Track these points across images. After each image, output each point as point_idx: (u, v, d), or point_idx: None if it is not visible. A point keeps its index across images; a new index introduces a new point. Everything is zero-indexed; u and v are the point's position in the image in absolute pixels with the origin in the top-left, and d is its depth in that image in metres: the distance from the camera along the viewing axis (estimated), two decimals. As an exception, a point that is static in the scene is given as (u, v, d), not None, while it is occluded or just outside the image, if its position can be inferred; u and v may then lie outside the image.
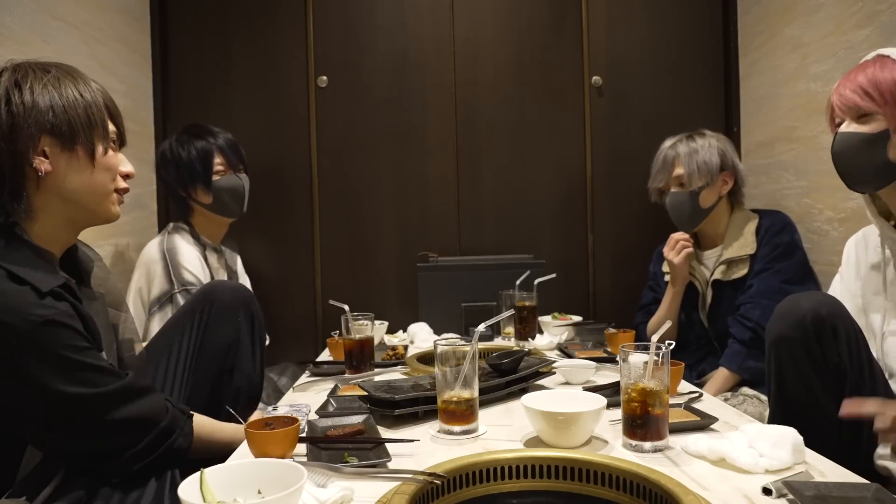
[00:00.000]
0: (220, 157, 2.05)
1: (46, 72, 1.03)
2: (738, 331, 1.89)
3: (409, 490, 0.83)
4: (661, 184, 2.10)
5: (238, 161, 2.10)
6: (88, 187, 1.05)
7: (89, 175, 1.04)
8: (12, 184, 0.98)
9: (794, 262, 1.94)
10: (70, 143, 1.01)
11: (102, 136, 1.06)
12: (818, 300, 1.26)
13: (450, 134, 2.52)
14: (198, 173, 2.01)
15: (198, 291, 1.44)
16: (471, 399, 1.14)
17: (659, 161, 2.10)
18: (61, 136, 1.00)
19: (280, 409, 1.29)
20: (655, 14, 2.52)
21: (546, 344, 1.92)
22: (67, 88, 1.02)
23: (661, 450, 1.04)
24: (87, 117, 1.03)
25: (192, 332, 1.35)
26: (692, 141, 2.04)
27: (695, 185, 2.00)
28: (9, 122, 0.97)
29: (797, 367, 1.24)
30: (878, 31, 1.70)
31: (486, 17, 2.51)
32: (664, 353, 1.03)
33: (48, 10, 1.75)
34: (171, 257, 1.91)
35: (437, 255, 2.38)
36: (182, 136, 2.05)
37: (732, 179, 2.05)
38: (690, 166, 2.00)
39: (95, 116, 1.04)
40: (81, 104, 1.02)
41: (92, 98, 1.05)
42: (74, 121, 1.01)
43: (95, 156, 1.04)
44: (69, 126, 1.00)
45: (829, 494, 0.83)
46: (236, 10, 2.48)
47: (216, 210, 2.05)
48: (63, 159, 1.01)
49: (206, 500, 0.76)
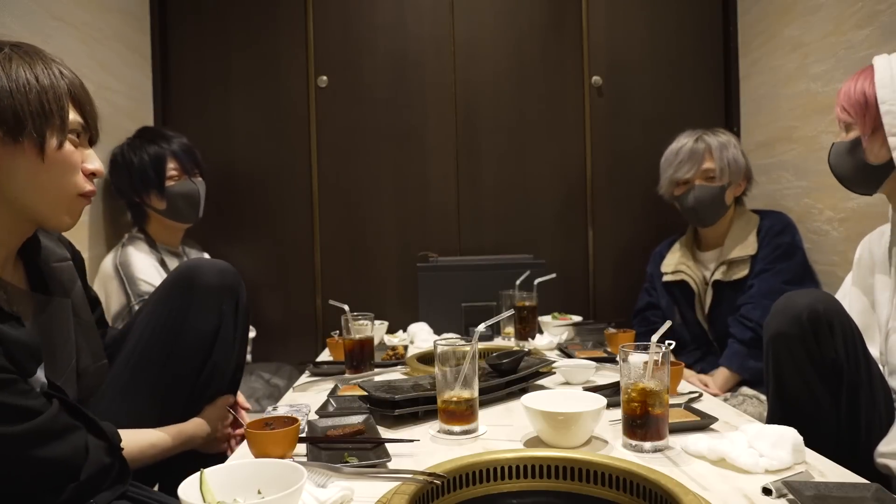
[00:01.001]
0: (174, 163, 2.02)
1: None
2: (739, 331, 1.90)
3: (409, 490, 0.83)
4: (689, 174, 2.01)
5: (193, 165, 2.07)
6: (34, 188, 0.90)
7: (37, 173, 0.89)
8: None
9: (795, 263, 1.94)
10: (15, 133, 0.87)
11: (59, 127, 0.90)
12: (815, 297, 1.27)
13: (450, 134, 2.52)
14: (150, 179, 1.98)
15: (177, 269, 1.29)
16: (471, 399, 1.14)
17: (684, 152, 2.01)
18: (5, 125, 0.86)
19: (280, 409, 1.29)
20: (655, 14, 2.52)
21: (546, 344, 1.92)
22: (20, 70, 0.88)
23: (661, 450, 1.04)
24: (40, 104, 0.88)
25: (169, 319, 1.22)
26: (717, 136, 2.02)
27: (724, 180, 1.99)
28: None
29: (795, 363, 1.25)
30: (878, 31, 1.70)
31: (486, 17, 2.51)
32: (664, 352, 1.03)
33: (48, 10, 1.75)
34: (124, 271, 1.89)
35: (437, 255, 2.38)
36: (134, 141, 2.02)
37: (745, 183, 2.06)
38: (722, 161, 1.98)
39: (51, 104, 0.89)
40: (35, 89, 0.88)
41: (50, 83, 0.90)
42: (22, 108, 0.86)
43: (46, 150, 0.89)
44: (14, 113, 0.86)
45: (829, 494, 0.83)
46: (236, 10, 2.48)
47: (170, 216, 2.04)
48: (6, 153, 0.87)
49: (206, 500, 0.76)
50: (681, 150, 2.03)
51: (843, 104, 1.34)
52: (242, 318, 1.32)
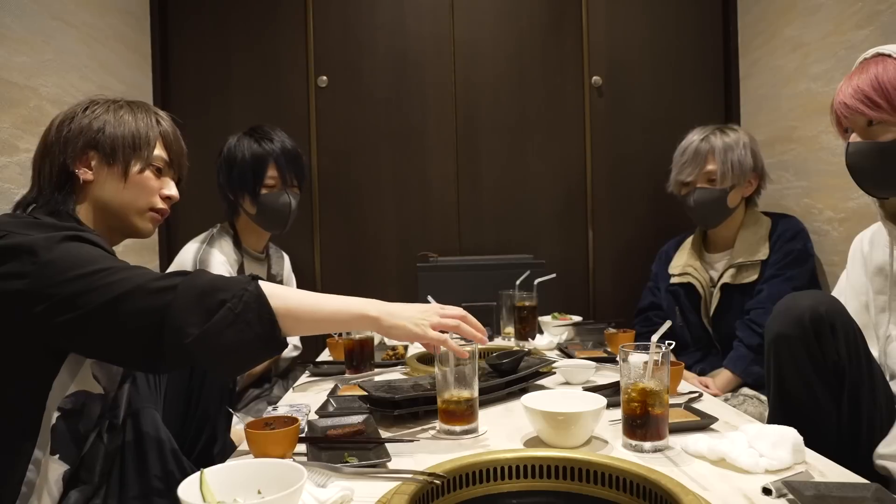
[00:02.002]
0: (274, 170, 1.91)
1: (115, 102, 1.19)
2: (747, 335, 1.87)
3: (409, 490, 0.83)
4: (691, 178, 1.99)
5: (293, 177, 1.95)
6: (119, 200, 1.16)
7: (121, 189, 1.16)
8: (58, 183, 1.13)
9: (806, 270, 1.92)
10: (110, 159, 1.15)
11: (144, 158, 1.17)
12: (817, 298, 1.26)
13: (450, 134, 2.52)
14: (247, 181, 1.90)
15: None
16: (471, 399, 1.14)
17: (689, 153, 1.99)
18: (104, 152, 1.14)
19: (280, 409, 1.29)
20: (655, 14, 2.52)
21: (546, 344, 1.92)
22: (125, 116, 1.17)
23: (661, 450, 1.04)
24: (133, 141, 1.16)
25: None
26: (725, 135, 1.96)
27: (726, 183, 1.94)
28: (66, 136, 1.14)
29: (796, 364, 1.25)
30: (878, 31, 1.70)
31: (486, 17, 2.51)
32: (664, 352, 1.03)
33: (48, 10, 1.75)
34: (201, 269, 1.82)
35: (437, 255, 2.38)
36: (242, 137, 1.94)
37: (757, 181, 2.01)
38: (725, 164, 1.93)
39: (140, 141, 1.17)
40: (131, 130, 1.16)
41: (145, 126, 1.18)
42: (117, 141, 1.15)
43: (129, 173, 1.16)
44: (112, 145, 1.15)
45: (829, 494, 0.82)
46: (236, 10, 2.48)
47: (258, 222, 1.96)
48: (103, 172, 1.15)
49: (206, 500, 0.76)
50: (686, 149, 2.00)
51: (872, 97, 1.19)
52: None
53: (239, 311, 0.93)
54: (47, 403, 0.98)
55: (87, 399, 1.05)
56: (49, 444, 0.99)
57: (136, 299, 0.92)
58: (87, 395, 1.05)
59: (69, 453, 1.02)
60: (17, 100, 1.64)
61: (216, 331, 0.91)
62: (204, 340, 0.91)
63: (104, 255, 0.99)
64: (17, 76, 1.64)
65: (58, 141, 1.14)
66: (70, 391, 1.02)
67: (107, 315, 0.92)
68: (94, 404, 1.06)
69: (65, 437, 1.01)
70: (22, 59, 1.65)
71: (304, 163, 2.01)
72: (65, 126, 1.14)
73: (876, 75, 1.19)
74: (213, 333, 0.91)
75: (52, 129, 1.16)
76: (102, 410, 1.08)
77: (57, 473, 1.00)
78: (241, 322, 0.93)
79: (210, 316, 0.92)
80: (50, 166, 1.14)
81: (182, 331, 0.91)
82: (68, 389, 1.02)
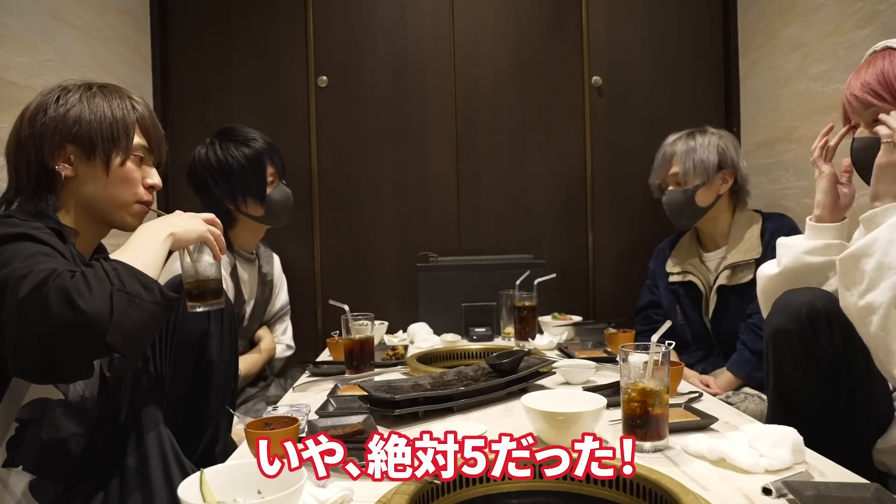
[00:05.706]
0: (271, 167, 1.90)
1: (88, 88, 1.14)
2: (751, 339, 1.86)
3: (409, 490, 0.84)
4: (659, 181, 2.11)
5: (282, 167, 1.96)
6: (102, 195, 1.13)
7: (104, 184, 1.12)
8: (38, 182, 1.10)
9: None
10: (90, 153, 1.11)
11: (124, 148, 1.13)
12: (813, 294, 1.27)
13: (450, 134, 2.52)
14: (251, 185, 1.86)
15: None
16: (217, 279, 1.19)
17: (659, 157, 2.10)
18: (83, 146, 1.10)
19: (280, 409, 1.29)
20: (655, 14, 2.52)
21: (546, 344, 1.92)
22: (99, 103, 1.12)
23: (661, 450, 1.04)
24: (111, 131, 1.11)
25: (167, 329, 1.28)
26: (692, 139, 2.03)
27: (690, 183, 2.00)
28: (40, 130, 1.09)
29: (794, 358, 1.26)
30: (879, 31, 1.70)
31: (486, 17, 2.51)
32: (664, 352, 1.03)
33: (48, 10, 1.75)
34: None
35: (437, 255, 2.38)
36: (222, 143, 1.87)
37: (732, 178, 2.02)
38: (686, 165, 2.00)
39: (118, 131, 1.12)
40: (108, 119, 1.11)
41: (122, 114, 1.13)
42: (95, 134, 1.10)
43: (111, 167, 1.12)
44: (90, 138, 1.10)
45: (829, 494, 0.83)
46: (236, 10, 2.48)
47: (265, 221, 1.94)
48: (83, 167, 1.11)
49: (206, 500, 0.76)
50: (658, 154, 2.11)
51: (878, 91, 1.18)
52: (228, 319, 1.34)
53: (128, 289, 0.90)
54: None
55: (47, 406, 1.03)
56: (4, 458, 0.97)
57: None
58: (46, 402, 1.03)
59: (32, 463, 1.00)
60: (18, 100, 1.63)
61: (123, 316, 0.88)
62: (117, 331, 0.87)
63: (38, 251, 0.94)
64: (17, 76, 1.63)
65: (32, 136, 1.09)
66: (26, 400, 1.00)
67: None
68: (55, 410, 1.04)
69: (28, 448, 0.99)
70: (22, 59, 1.65)
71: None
72: (38, 119, 1.09)
73: (882, 69, 1.19)
74: (121, 321, 0.88)
75: (25, 123, 1.11)
76: (74, 414, 1.06)
77: (22, 485, 0.98)
78: (136, 298, 0.90)
79: (110, 305, 0.87)
80: (27, 164, 1.10)
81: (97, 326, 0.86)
82: (24, 399, 1.00)
